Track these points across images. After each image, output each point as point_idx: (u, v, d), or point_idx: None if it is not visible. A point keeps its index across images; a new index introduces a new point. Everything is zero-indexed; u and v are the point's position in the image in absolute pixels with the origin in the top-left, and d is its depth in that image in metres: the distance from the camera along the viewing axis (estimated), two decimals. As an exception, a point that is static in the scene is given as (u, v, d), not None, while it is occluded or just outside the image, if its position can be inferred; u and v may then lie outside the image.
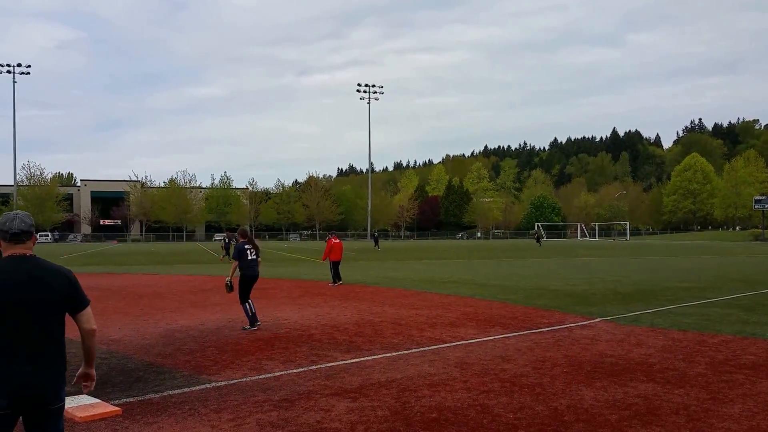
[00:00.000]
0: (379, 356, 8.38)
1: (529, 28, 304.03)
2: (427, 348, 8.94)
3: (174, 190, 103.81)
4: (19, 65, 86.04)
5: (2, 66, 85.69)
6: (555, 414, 5.73)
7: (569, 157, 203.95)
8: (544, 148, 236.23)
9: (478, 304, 14.05)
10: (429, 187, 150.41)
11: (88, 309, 3.46)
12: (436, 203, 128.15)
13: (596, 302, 14.22)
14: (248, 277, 11.06)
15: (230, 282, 11.11)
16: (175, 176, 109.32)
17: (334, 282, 19.02)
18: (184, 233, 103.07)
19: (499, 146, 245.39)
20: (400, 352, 8.62)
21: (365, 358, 8.25)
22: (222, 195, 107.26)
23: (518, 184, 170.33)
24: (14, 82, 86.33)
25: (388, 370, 7.51)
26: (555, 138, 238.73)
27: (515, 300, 14.68)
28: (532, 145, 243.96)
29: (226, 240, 32.86)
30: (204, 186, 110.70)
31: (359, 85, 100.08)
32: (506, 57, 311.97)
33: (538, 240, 65.38)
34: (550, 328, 10.62)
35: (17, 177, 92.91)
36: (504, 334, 10.08)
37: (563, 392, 6.48)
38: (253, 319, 10.66)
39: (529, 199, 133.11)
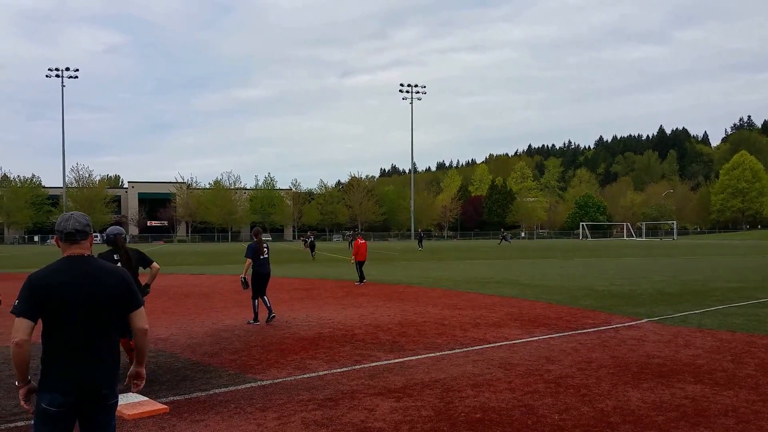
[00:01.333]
0: (423, 356, 8.39)
1: (575, 25, 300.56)
2: (470, 348, 8.91)
3: (219, 191, 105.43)
4: (67, 69, 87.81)
5: (51, 70, 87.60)
6: (601, 415, 5.66)
7: (615, 156, 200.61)
8: (589, 146, 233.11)
9: (521, 304, 13.94)
10: (472, 187, 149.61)
11: (142, 309, 3.53)
12: (480, 203, 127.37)
13: (643, 303, 13.96)
14: (261, 274, 11.73)
15: (245, 279, 11.73)
16: (220, 177, 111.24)
17: (360, 281, 19.54)
18: (229, 234, 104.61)
19: (543, 145, 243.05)
20: (443, 352, 8.62)
21: (409, 358, 8.27)
22: (266, 196, 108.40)
23: (563, 184, 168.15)
24: (63, 86, 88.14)
25: (431, 370, 7.52)
26: (600, 136, 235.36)
27: (560, 300, 14.51)
28: (576, 143, 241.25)
29: (311, 238, 37.66)
30: (248, 187, 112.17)
31: (401, 85, 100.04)
32: (551, 55, 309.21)
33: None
34: (595, 329, 10.48)
35: (66, 179, 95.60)
36: (548, 334, 9.99)
37: (609, 393, 6.39)
38: (255, 318, 11.48)
39: (573, 198, 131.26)
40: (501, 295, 15.86)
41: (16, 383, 3.32)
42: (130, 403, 6.00)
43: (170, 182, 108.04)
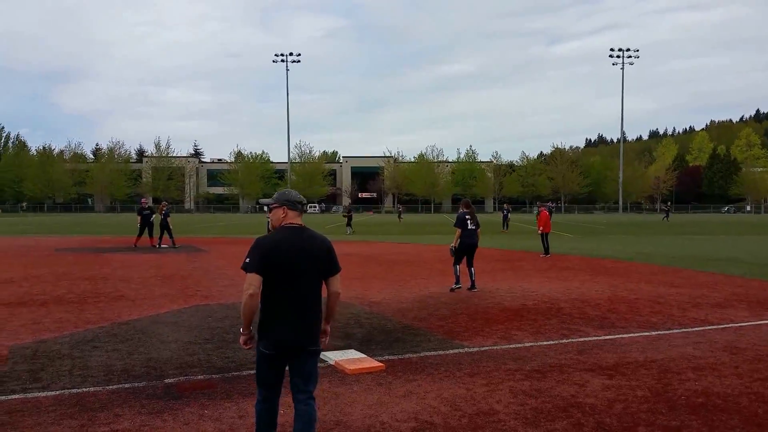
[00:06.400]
0: (636, 334, 8.00)
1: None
2: (690, 329, 8.32)
3: (423, 164, 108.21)
4: (290, 54, 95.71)
5: (277, 56, 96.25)
6: None
7: None
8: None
9: (749, 284, 12.70)
10: (689, 157, 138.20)
11: (339, 275, 4.00)
12: (698, 174, 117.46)
13: None
14: (467, 245, 11.94)
15: (454, 248, 11.97)
16: (424, 151, 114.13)
17: (546, 253, 19.19)
18: (432, 205, 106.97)
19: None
20: (659, 332, 8.14)
21: (620, 336, 7.92)
22: (467, 169, 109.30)
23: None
24: (287, 70, 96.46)
25: (646, 350, 7.14)
26: None
27: (796, 282, 13.00)
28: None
29: (505, 211, 40.64)
30: (450, 160, 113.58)
31: (612, 50, 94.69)
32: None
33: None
34: (842, 316, 9.26)
35: (290, 155, 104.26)
36: (783, 318, 9.02)
37: None
38: (456, 281, 11.79)
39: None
40: (724, 273, 14.57)
41: (241, 330, 3.90)
42: (351, 359, 6.47)
43: (379, 156, 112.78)
